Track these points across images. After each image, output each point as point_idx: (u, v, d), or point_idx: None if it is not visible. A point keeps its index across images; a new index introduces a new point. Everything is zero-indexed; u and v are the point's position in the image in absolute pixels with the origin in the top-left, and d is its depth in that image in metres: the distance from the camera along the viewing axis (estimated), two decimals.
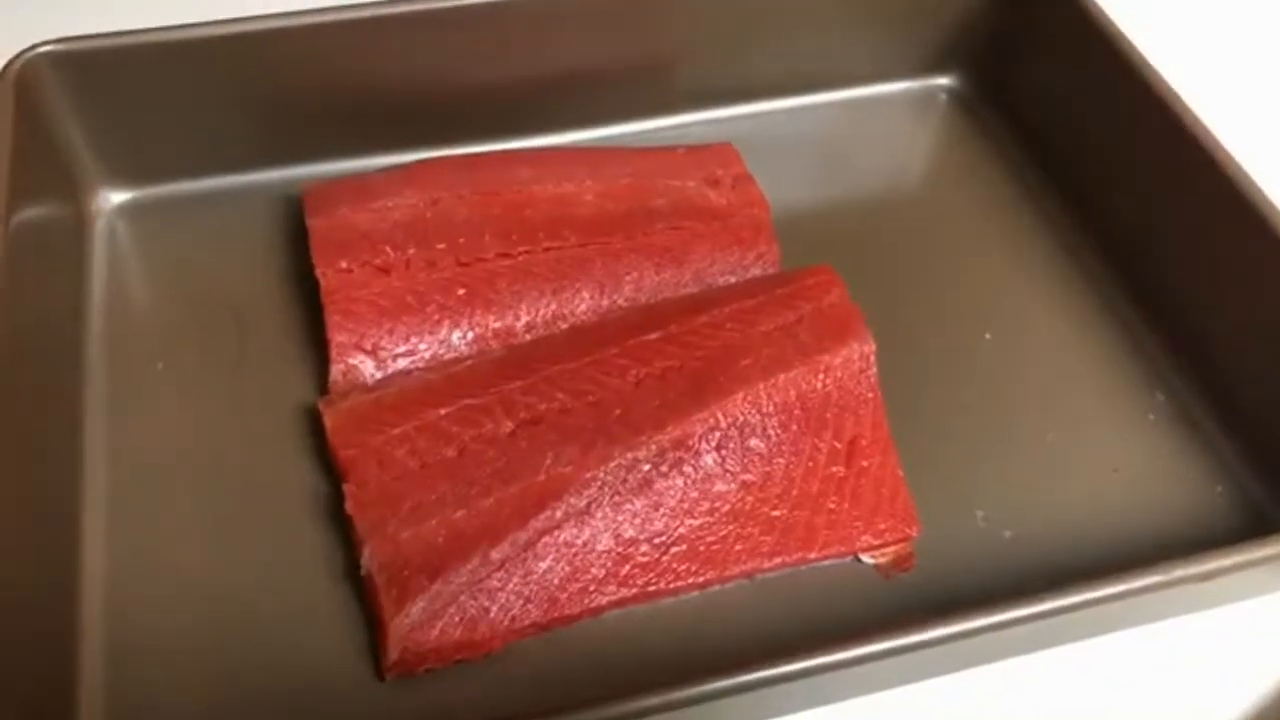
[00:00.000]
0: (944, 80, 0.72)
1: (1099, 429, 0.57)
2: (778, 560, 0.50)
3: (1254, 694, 0.50)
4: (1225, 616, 0.51)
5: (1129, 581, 0.44)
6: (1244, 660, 0.51)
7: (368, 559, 0.47)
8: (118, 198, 0.61)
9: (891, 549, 0.51)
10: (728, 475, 0.50)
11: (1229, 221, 0.56)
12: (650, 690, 0.41)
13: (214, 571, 0.49)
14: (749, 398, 0.51)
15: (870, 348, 0.54)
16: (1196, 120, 0.58)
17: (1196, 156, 0.57)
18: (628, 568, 0.48)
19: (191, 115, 0.59)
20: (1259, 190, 0.55)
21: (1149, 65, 0.60)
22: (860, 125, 0.70)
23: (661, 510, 0.49)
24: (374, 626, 0.47)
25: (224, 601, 0.48)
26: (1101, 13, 0.63)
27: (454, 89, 0.62)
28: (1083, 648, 0.50)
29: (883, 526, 0.51)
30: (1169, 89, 0.59)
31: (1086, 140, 0.65)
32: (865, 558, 0.51)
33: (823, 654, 0.41)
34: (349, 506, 0.48)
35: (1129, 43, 0.61)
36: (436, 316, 0.55)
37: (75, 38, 0.56)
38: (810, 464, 0.52)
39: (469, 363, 0.54)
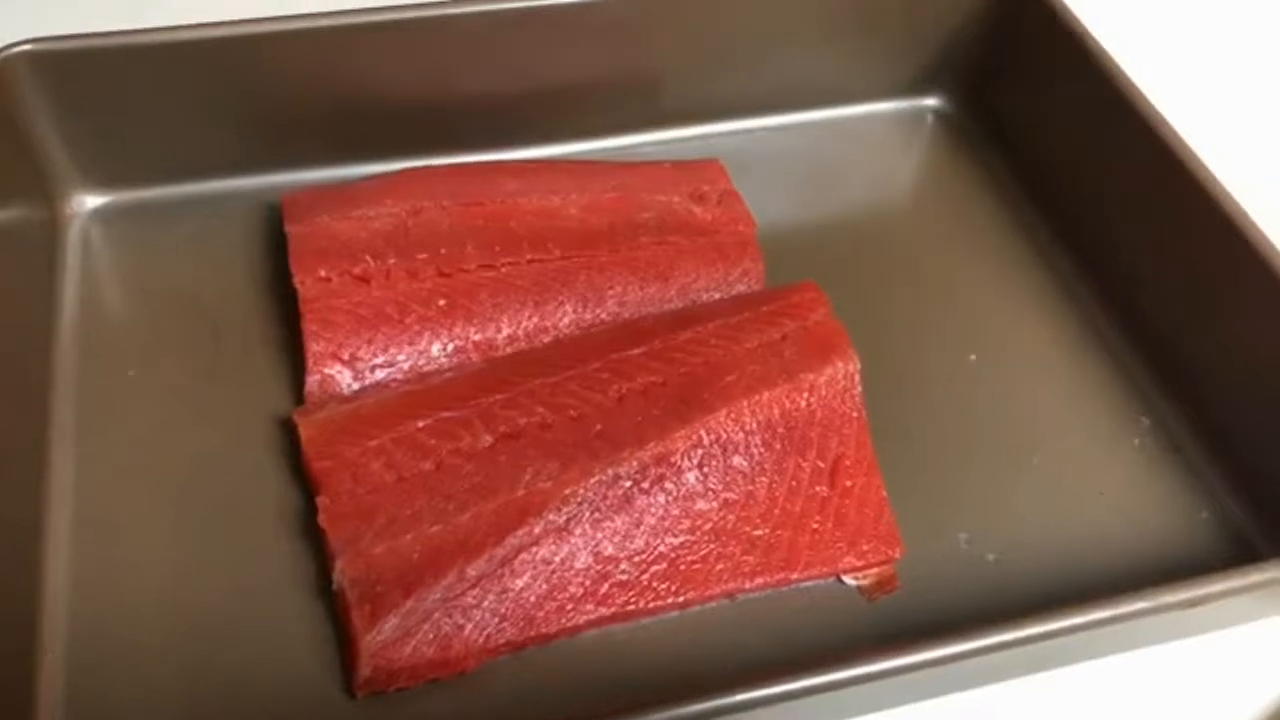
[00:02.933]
0: (931, 101, 0.72)
1: (1083, 453, 0.56)
2: (759, 580, 0.49)
3: None
4: (1210, 643, 0.51)
5: (1115, 607, 0.43)
6: (1230, 687, 0.50)
7: (340, 574, 0.45)
8: (93, 201, 0.60)
9: (874, 570, 0.51)
10: (710, 493, 0.50)
11: (1215, 245, 0.56)
12: (626, 712, 0.39)
13: (182, 585, 0.48)
14: (732, 415, 0.50)
15: (855, 366, 0.53)
16: (1182, 143, 0.58)
17: (1182, 179, 0.57)
18: (607, 586, 0.48)
19: (171, 119, 0.59)
20: (1245, 214, 0.55)
21: (1135, 87, 0.60)
22: (847, 144, 0.70)
23: (642, 528, 0.48)
24: (345, 643, 0.46)
25: (191, 616, 0.47)
26: (1088, 34, 0.63)
27: (439, 99, 0.62)
28: (1065, 674, 0.49)
29: (866, 547, 0.50)
30: (1155, 111, 0.59)
31: (1072, 162, 0.65)
32: (848, 579, 0.51)
33: (804, 677, 0.41)
34: (322, 519, 0.47)
35: (1115, 65, 0.61)
36: (416, 327, 0.54)
37: (53, 38, 0.55)
38: (793, 483, 0.51)
39: (448, 375, 0.53)
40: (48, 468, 0.50)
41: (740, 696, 0.40)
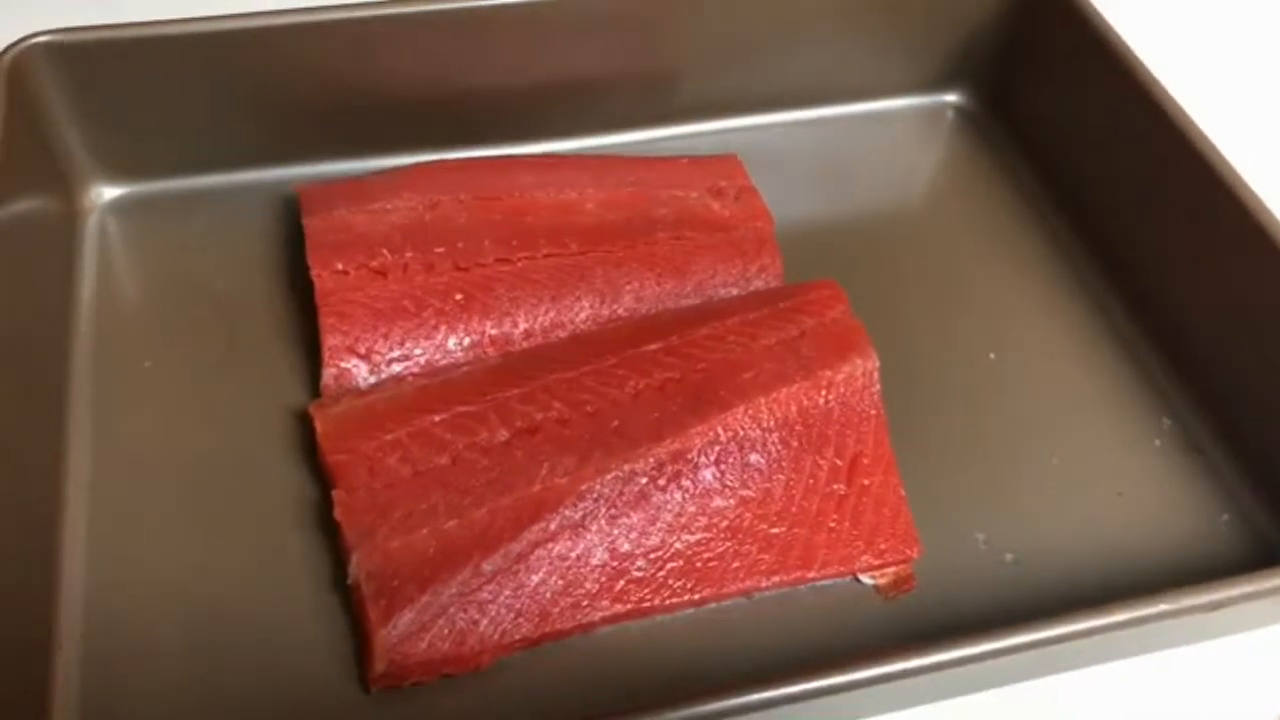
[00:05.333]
0: (951, 97, 0.72)
1: (1104, 453, 0.56)
2: (776, 579, 0.49)
3: None
4: (1229, 647, 0.50)
5: (1135, 609, 0.43)
6: (1247, 692, 0.50)
7: (355, 567, 0.45)
8: (111, 193, 0.60)
9: (891, 570, 0.50)
10: (726, 491, 0.49)
11: (1238, 244, 0.55)
12: (642, 711, 0.39)
13: (197, 578, 0.48)
14: (749, 412, 0.50)
15: (873, 363, 0.53)
16: (1205, 140, 0.57)
17: (1206, 177, 0.56)
18: (622, 583, 0.47)
19: (188, 111, 0.58)
20: (1269, 213, 0.54)
21: (1158, 83, 0.60)
22: (866, 140, 0.69)
23: (658, 525, 0.48)
24: (360, 637, 0.46)
25: (206, 609, 0.47)
26: (1111, 30, 0.62)
27: (457, 93, 0.61)
28: (1081, 676, 0.49)
29: (883, 546, 0.50)
30: (1178, 108, 0.59)
31: (1094, 159, 0.64)
32: (865, 578, 0.50)
33: (821, 677, 0.40)
34: (337, 513, 0.47)
35: (1138, 60, 0.61)
36: (433, 321, 0.54)
37: (72, 29, 0.55)
38: (811, 481, 0.51)
39: (465, 369, 0.53)
40: (64, 460, 0.50)
41: (757, 696, 0.40)
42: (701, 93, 0.67)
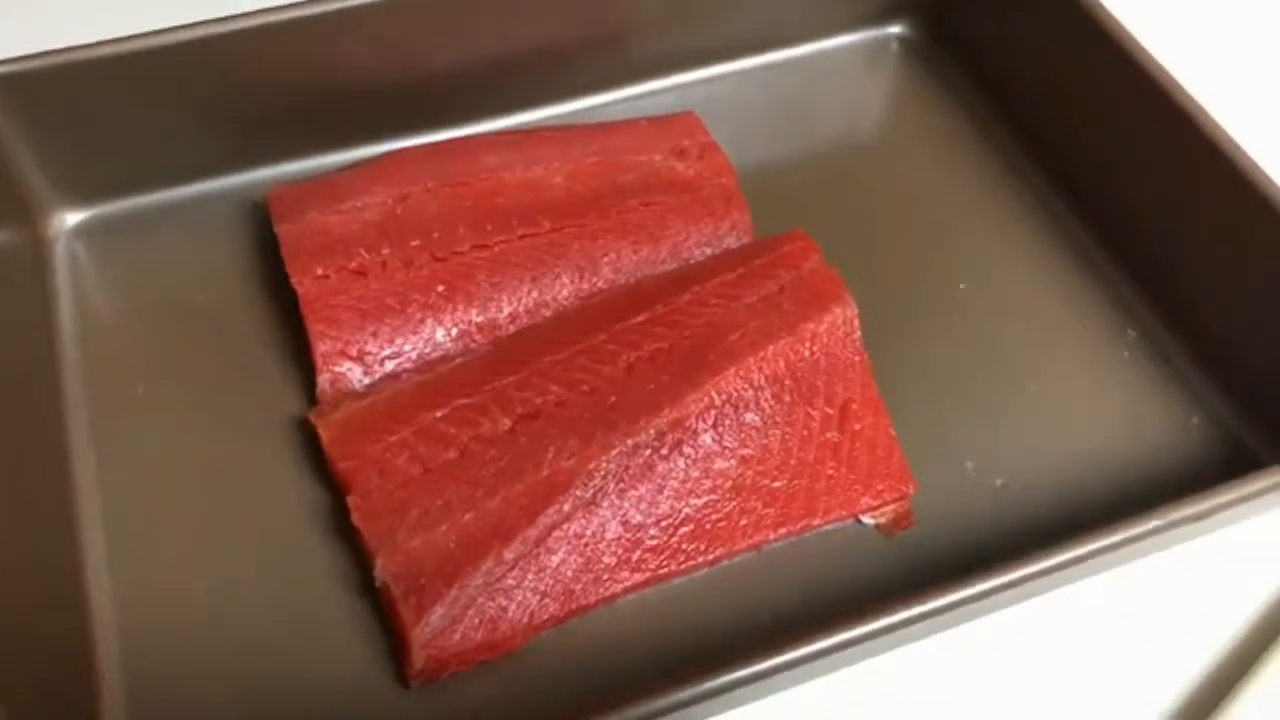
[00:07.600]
0: (894, 29, 0.72)
1: (1075, 369, 0.58)
2: (782, 530, 0.51)
3: (1245, 613, 0.52)
4: (1212, 540, 0.53)
5: (1129, 529, 0.45)
6: (1232, 581, 0.53)
7: (381, 571, 0.46)
8: (74, 218, 0.59)
9: (890, 508, 0.52)
10: (726, 452, 0.51)
11: (1188, 155, 0.57)
12: (684, 682, 0.41)
13: (224, 596, 0.48)
14: (740, 373, 0.52)
15: (852, 311, 0.54)
16: (1148, 55, 0.58)
17: (1151, 92, 0.58)
18: (639, 553, 0.49)
19: (143, 126, 0.58)
20: (1215, 123, 0.56)
21: (1097, 1, 0.61)
22: (815, 81, 0.70)
23: (666, 493, 0.50)
24: (393, 636, 0.47)
25: (238, 626, 0.48)
26: None
27: (411, 77, 0.61)
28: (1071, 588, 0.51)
29: (880, 487, 0.52)
30: (1119, 24, 0.60)
31: (1040, 79, 0.65)
32: (866, 519, 0.52)
33: (850, 627, 0.42)
34: (355, 519, 0.48)
35: None
36: (419, 316, 0.54)
37: (16, 59, 0.53)
38: (805, 432, 0.52)
39: (458, 361, 0.53)
40: (72, 495, 0.50)
41: (790, 655, 0.42)
42: (648, 51, 0.67)
